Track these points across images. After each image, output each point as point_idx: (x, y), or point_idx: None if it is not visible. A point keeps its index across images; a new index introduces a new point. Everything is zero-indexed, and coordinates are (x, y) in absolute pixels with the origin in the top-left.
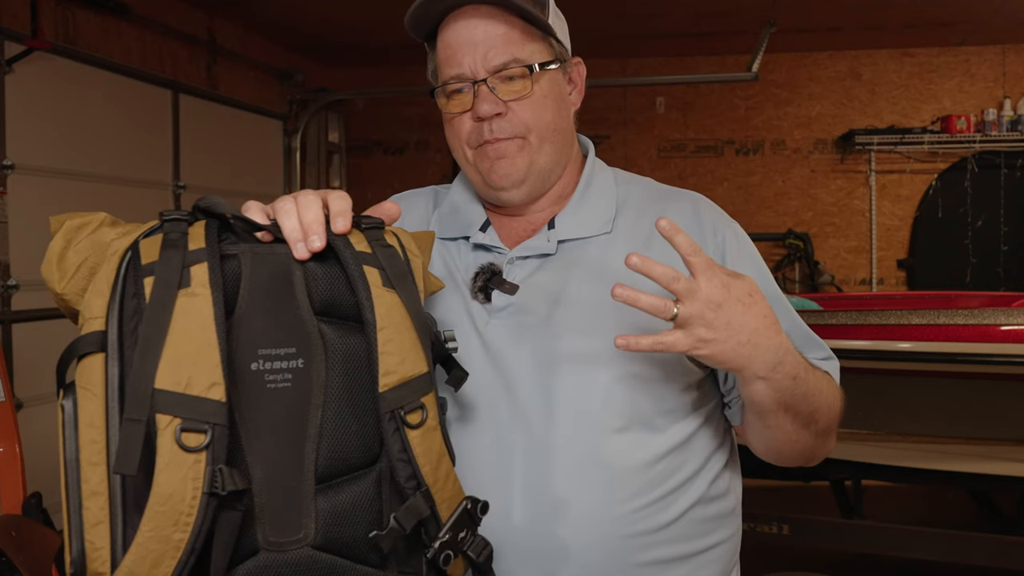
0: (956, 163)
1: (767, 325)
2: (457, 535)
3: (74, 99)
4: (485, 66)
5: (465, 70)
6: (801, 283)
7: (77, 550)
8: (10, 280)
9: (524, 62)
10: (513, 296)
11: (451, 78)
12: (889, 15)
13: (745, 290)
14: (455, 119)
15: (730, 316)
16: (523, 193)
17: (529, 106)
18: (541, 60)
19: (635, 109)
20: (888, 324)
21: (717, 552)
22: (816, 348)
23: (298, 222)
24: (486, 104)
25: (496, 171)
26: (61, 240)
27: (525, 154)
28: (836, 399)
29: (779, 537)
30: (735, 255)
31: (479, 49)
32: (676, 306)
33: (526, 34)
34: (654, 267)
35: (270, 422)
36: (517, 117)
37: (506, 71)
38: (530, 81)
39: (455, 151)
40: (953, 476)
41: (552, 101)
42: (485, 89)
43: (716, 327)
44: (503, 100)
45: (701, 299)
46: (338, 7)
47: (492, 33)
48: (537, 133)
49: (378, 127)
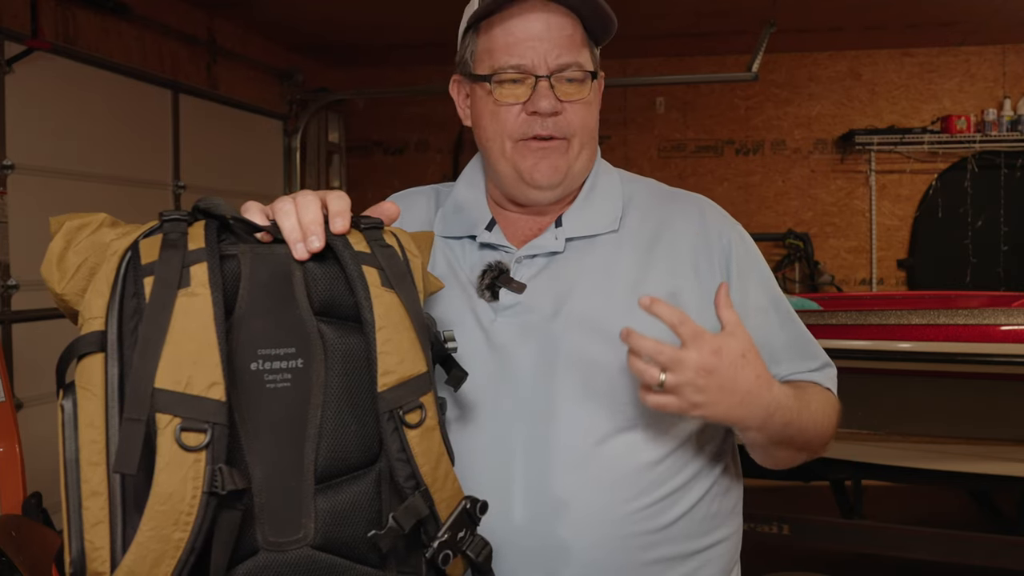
0: (956, 163)
1: (759, 385)
2: (456, 535)
3: (74, 99)
4: (549, 63)
5: (527, 62)
6: (801, 283)
7: (77, 550)
8: (10, 280)
9: (584, 67)
10: (520, 295)
11: (509, 67)
12: (889, 15)
13: (739, 351)
14: (502, 109)
15: (722, 380)
16: (556, 194)
17: (581, 110)
18: (594, 68)
19: (635, 109)
20: (888, 324)
21: (718, 551)
22: (812, 357)
23: (297, 222)
24: (546, 100)
25: (539, 169)
26: (61, 240)
27: (567, 156)
28: (831, 414)
29: (779, 537)
30: (740, 261)
31: (544, 45)
32: (663, 374)
33: (584, 40)
34: (641, 341)
35: (270, 422)
36: (569, 119)
37: (567, 72)
38: (587, 87)
39: (489, 140)
40: (953, 476)
41: (594, 109)
42: (546, 85)
43: (708, 391)
44: (560, 100)
45: (691, 368)
46: (338, 7)
47: (560, 32)
48: (580, 137)
49: (378, 127)
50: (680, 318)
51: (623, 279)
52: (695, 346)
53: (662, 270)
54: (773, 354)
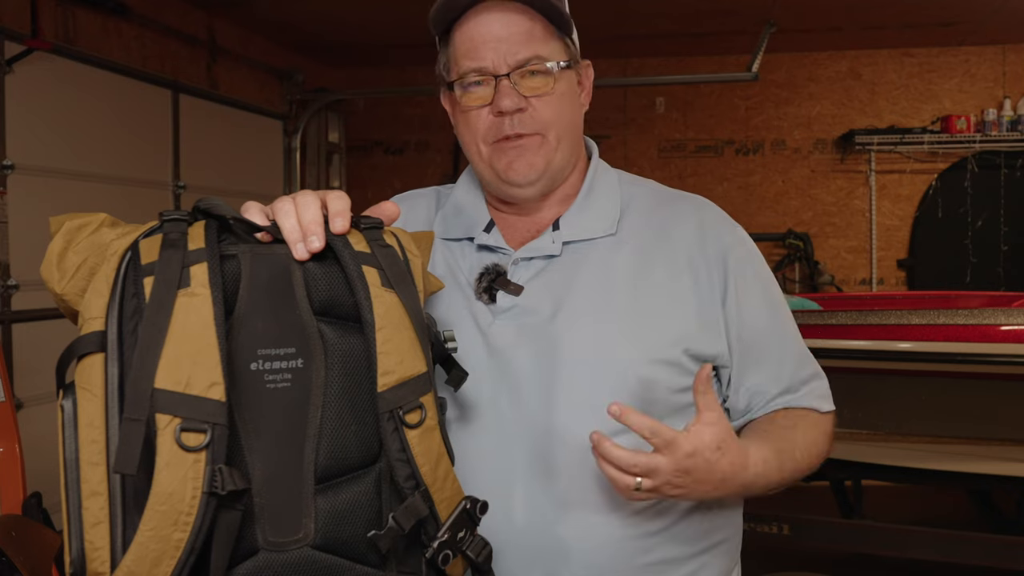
0: (956, 163)
1: (735, 470)
2: (456, 535)
3: (74, 99)
4: (508, 61)
5: (487, 63)
6: (801, 283)
7: (77, 550)
8: (10, 280)
9: (546, 59)
10: (518, 297)
11: (471, 71)
12: (889, 15)
13: (713, 445)
14: (471, 114)
15: (698, 475)
16: (537, 190)
17: (550, 103)
18: (561, 59)
19: (635, 109)
20: (888, 324)
21: (718, 552)
22: (802, 366)
23: (297, 222)
24: (508, 99)
25: (514, 168)
26: (61, 241)
27: (544, 151)
28: (820, 441)
29: (779, 537)
30: (737, 265)
31: (502, 44)
32: (638, 480)
33: (548, 32)
34: (614, 451)
35: (270, 422)
36: (538, 114)
37: (528, 67)
38: (552, 79)
39: (467, 147)
40: (953, 476)
41: (569, 100)
42: (507, 84)
43: (685, 486)
44: (524, 96)
45: (666, 472)
46: (338, 7)
47: (516, 29)
48: (556, 131)
49: (378, 127)
50: (652, 428)
51: (621, 281)
52: (669, 452)
53: (660, 273)
54: (761, 359)
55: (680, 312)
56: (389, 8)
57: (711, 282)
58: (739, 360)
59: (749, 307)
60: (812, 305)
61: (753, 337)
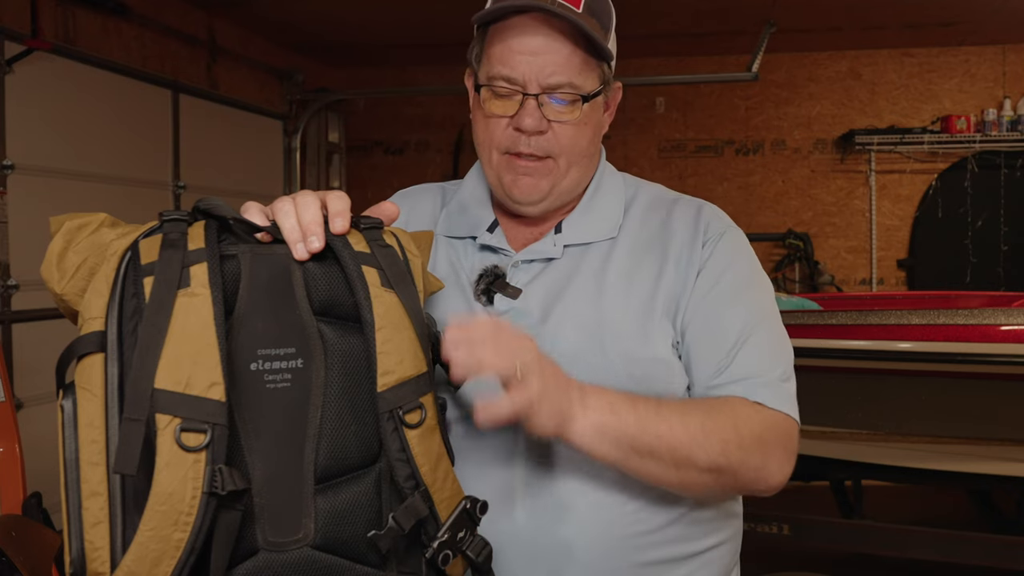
0: (956, 163)
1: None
2: (456, 535)
3: (74, 99)
4: (540, 81)
5: (518, 76)
6: (801, 283)
7: (77, 550)
8: (10, 280)
9: (578, 90)
10: (515, 300)
11: (501, 78)
12: (889, 15)
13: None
14: (492, 120)
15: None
16: (539, 210)
17: (569, 131)
18: (592, 89)
19: (635, 109)
20: (888, 324)
21: (718, 552)
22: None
23: (297, 223)
24: (531, 118)
25: (519, 186)
26: (61, 240)
27: (552, 176)
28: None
29: (779, 537)
30: (720, 252)
31: (538, 61)
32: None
33: (586, 62)
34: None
35: (270, 422)
36: (556, 139)
37: (559, 92)
38: (579, 108)
39: (480, 145)
40: (953, 476)
41: (590, 128)
42: (534, 104)
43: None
44: (547, 119)
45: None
46: (338, 7)
47: (555, 50)
48: (567, 157)
49: (378, 127)
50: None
51: (613, 282)
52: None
53: (651, 272)
54: (718, 346)
55: (669, 309)
56: (389, 8)
57: (691, 263)
58: (689, 341)
59: (717, 293)
60: (812, 305)
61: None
